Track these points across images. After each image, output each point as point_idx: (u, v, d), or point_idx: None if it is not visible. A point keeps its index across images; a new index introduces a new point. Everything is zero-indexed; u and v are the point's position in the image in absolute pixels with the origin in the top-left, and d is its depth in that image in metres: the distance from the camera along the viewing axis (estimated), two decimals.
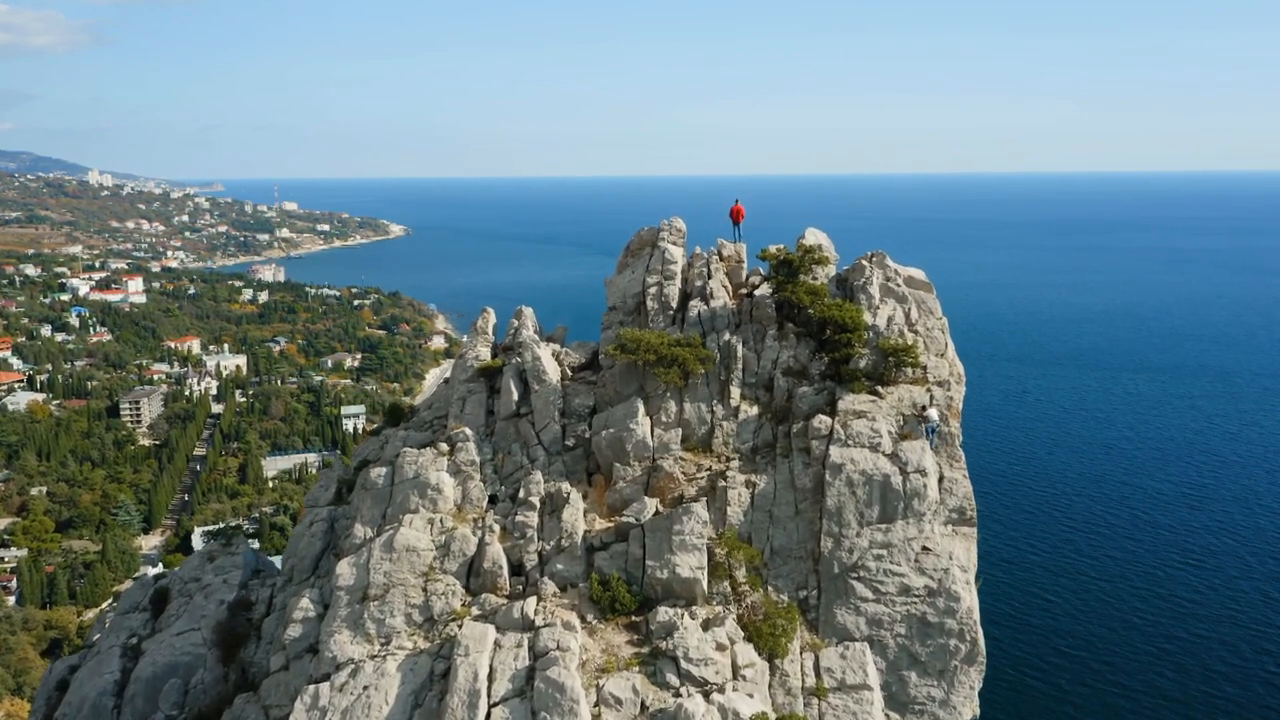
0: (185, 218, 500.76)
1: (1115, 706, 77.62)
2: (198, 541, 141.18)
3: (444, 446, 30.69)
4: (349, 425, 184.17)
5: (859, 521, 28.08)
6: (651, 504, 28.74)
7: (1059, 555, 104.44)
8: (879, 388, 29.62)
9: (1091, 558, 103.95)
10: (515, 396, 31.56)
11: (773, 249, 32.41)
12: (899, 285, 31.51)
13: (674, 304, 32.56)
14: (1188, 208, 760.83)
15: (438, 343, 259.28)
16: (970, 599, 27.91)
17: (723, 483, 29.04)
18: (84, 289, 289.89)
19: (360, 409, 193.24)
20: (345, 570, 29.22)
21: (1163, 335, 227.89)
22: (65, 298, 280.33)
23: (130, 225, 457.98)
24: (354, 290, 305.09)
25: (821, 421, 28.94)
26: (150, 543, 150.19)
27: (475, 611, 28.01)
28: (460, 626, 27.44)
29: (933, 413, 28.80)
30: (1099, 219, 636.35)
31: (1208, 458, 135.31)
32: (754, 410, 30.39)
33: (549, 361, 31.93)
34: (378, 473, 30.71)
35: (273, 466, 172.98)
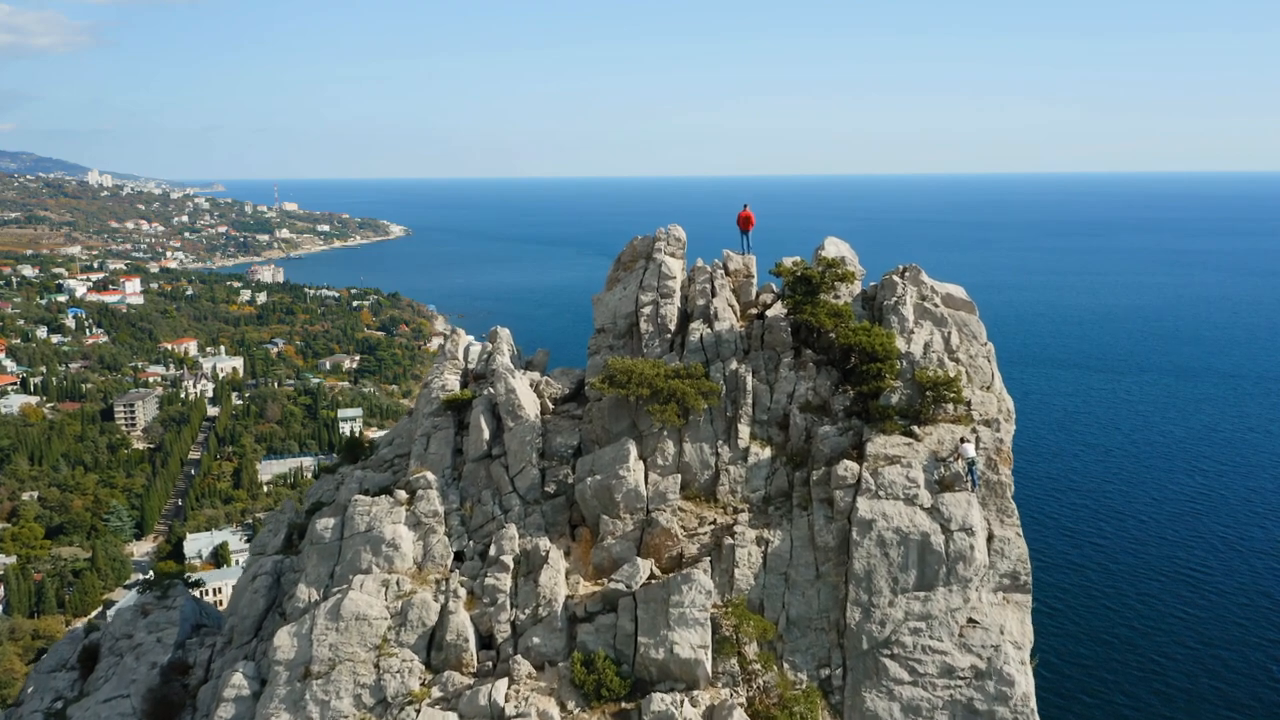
0: (185, 218, 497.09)
1: None
2: (189, 548, 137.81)
3: (402, 494, 26.19)
4: (346, 428, 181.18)
5: (892, 588, 23.58)
6: (645, 566, 24.25)
7: (1055, 567, 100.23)
8: (915, 428, 25.00)
9: (1089, 567, 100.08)
10: (486, 435, 27.02)
11: (788, 262, 27.73)
12: (936, 305, 26.86)
13: (672, 326, 27.95)
14: (1191, 209, 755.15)
15: (437, 344, 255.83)
16: (1026, 683, 23.41)
17: (729, 539, 24.56)
18: (81, 290, 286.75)
19: (357, 412, 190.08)
20: (285, 641, 24.83)
21: (1165, 337, 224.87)
22: (62, 299, 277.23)
23: (129, 226, 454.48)
24: (353, 291, 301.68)
25: (847, 468, 24.40)
26: (142, 549, 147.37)
27: (436, 694, 23.64)
28: (418, 712, 23.11)
29: (969, 448, 24.26)
30: (1100, 220, 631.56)
31: (1212, 463, 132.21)
32: (766, 453, 25.84)
33: (526, 394, 27.34)
34: (325, 524, 26.24)
35: (268, 471, 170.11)
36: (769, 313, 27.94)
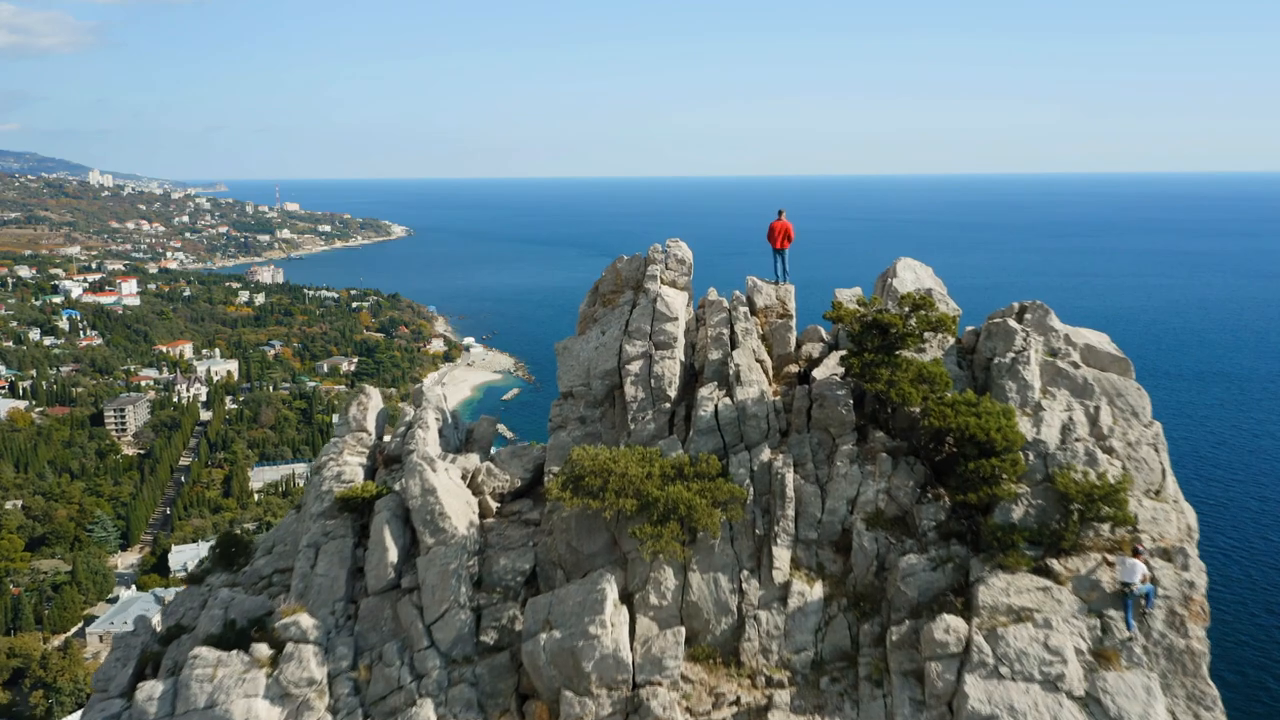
0: (186, 218, 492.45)
1: None
2: (174, 561, 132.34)
3: (263, 650, 17.39)
4: None
5: None
6: None
7: None
8: (1053, 561, 16.00)
9: None
10: (393, 556, 18.12)
11: (847, 299, 18.61)
12: (1076, 365, 17.79)
13: (673, 392, 18.97)
14: (1191, 209, 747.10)
15: (436, 346, 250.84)
16: None
17: None
18: (77, 291, 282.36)
19: None
20: None
21: (1171, 339, 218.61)
22: (57, 300, 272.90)
23: (130, 226, 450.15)
24: (352, 292, 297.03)
25: (948, 627, 15.46)
26: (127, 561, 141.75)
27: None
28: None
29: (1139, 570, 15.35)
30: (1100, 220, 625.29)
31: (1218, 469, 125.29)
32: (817, 591, 16.92)
33: (452, 495, 18.34)
34: (149, 692, 17.43)
35: (259, 478, 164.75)
36: (816, 372, 18.68)
